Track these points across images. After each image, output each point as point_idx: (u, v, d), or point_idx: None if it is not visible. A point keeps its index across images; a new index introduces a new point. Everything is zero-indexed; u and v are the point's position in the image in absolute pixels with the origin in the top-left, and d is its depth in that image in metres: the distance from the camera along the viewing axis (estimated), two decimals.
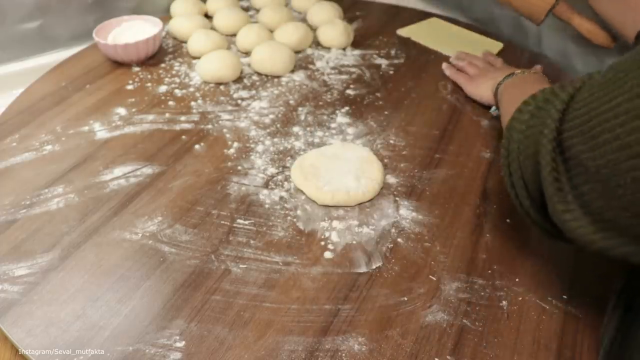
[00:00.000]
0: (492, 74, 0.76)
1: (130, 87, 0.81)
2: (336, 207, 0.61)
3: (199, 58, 0.86)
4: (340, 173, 0.63)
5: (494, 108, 0.76)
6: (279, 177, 0.65)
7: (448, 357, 0.46)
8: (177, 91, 0.80)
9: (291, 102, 0.79)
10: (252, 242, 0.56)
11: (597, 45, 0.85)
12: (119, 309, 0.49)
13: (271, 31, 0.94)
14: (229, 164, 0.67)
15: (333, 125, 0.74)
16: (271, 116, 0.76)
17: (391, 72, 0.87)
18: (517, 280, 0.53)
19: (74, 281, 0.51)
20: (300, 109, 0.77)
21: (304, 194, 0.62)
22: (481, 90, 0.77)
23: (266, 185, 0.64)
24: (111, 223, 0.58)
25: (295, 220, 0.59)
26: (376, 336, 0.47)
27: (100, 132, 0.71)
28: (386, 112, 0.77)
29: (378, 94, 0.81)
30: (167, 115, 0.75)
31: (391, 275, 0.53)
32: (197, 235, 0.57)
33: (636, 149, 0.31)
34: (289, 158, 0.68)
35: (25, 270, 0.52)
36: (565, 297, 0.51)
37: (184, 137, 0.71)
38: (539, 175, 0.41)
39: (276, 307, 0.50)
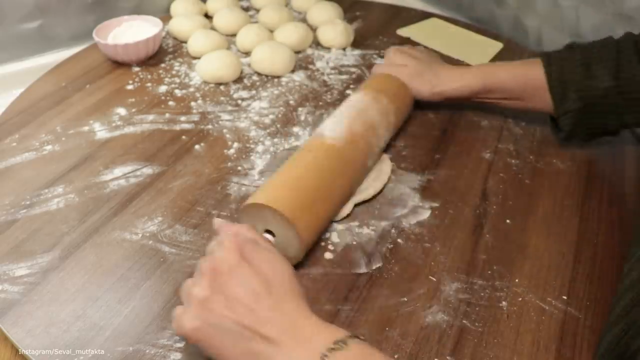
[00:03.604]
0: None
1: (130, 87, 0.81)
2: None
3: (199, 58, 0.86)
4: None
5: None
6: None
7: (448, 357, 0.46)
8: (177, 91, 0.80)
9: (291, 102, 0.79)
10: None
11: None
12: (120, 309, 0.49)
13: (271, 31, 0.94)
14: (229, 164, 0.67)
15: None
16: (271, 116, 0.76)
17: None
18: (517, 280, 0.53)
19: (74, 281, 0.51)
20: (300, 109, 0.77)
21: None
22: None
23: None
24: (111, 223, 0.58)
25: None
26: (376, 337, 0.47)
27: (100, 132, 0.71)
28: None
29: None
30: (167, 115, 0.75)
31: (391, 276, 0.53)
32: (197, 236, 0.57)
33: None
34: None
35: (25, 270, 0.52)
36: (565, 297, 0.51)
37: (184, 137, 0.71)
38: None
39: None
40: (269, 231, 0.51)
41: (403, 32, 0.99)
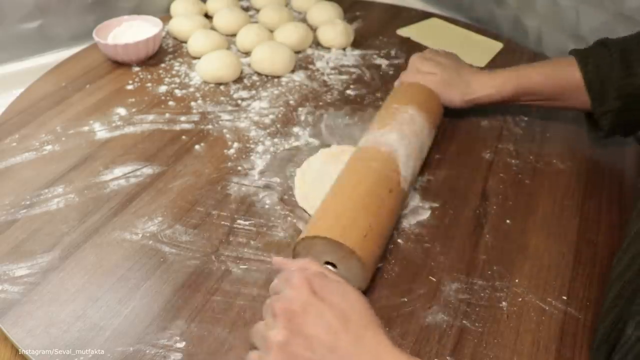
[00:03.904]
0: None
1: (130, 87, 0.81)
2: None
3: (199, 58, 0.86)
4: None
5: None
6: (279, 178, 0.65)
7: (448, 357, 0.46)
8: (177, 91, 0.80)
9: (291, 102, 0.79)
10: (252, 242, 0.56)
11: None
12: (120, 310, 0.49)
13: (271, 31, 0.94)
14: (229, 164, 0.67)
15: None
16: (271, 116, 0.76)
17: (391, 72, 0.87)
18: (517, 280, 0.53)
19: (74, 281, 0.51)
20: (300, 109, 0.77)
21: None
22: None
23: (266, 185, 0.64)
24: (111, 223, 0.58)
25: (295, 221, 0.59)
26: None
27: (100, 132, 0.71)
28: None
29: (378, 94, 0.81)
30: (167, 115, 0.75)
31: (391, 276, 0.53)
32: (197, 236, 0.57)
33: None
34: (291, 164, 0.68)
35: (25, 270, 0.52)
36: (565, 297, 0.51)
37: (184, 137, 0.71)
38: None
39: None
40: (328, 262, 0.49)
41: (403, 32, 0.99)
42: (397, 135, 0.59)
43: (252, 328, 0.42)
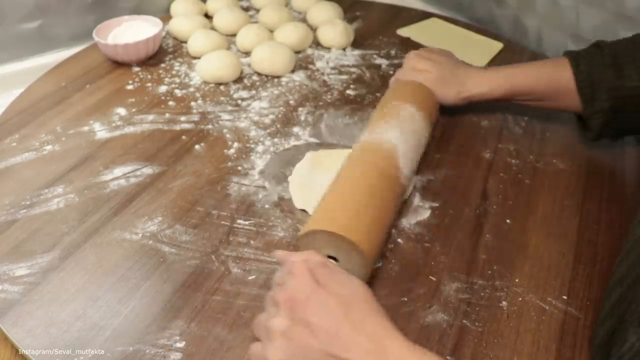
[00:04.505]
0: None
1: (130, 87, 0.81)
2: None
3: (199, 58, 0.86)
4: None
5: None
6: (279, 178, 0.65)
7: (448, 357, 0.46)
8: (177, 91, 0.80)
9: (291, 102, 0.79)
10: (252, 242, 0.56)
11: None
12: (119, 309, 0.49)
13: (271, 31, 0.94)
14: (229, 164, 0.67)
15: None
16: (271, 116, 0.76)
17: (391, 72, 0.87)
18: (517, 280, 0.53)
19: (74, 281, 0.51)
20: (300, 109, 0.77)
21: None
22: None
23: (266, 185, 0.63)
24: (111, 223, 0.58)
25: (295, 221, 0.59)
26: None
27: (100, 132, 0.71)
28: None
29: (378, 94, 0.81)
30: (167, 115, 0.75)
31: (391, 276, 0.53)
32: (197, 236, 0.57)
33: None
34: (291, 164, 0.68)
35: (25, 270, 0.52)
36: (565, 297, 0.51)
37: (184, 137, 0.71)
38: None
39: None
40: (330, 257, 0.49)
41: (403, 32, 0.99)
42: (396, 131, 0.59)
43: (254, 320, 0.43)
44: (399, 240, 0.57)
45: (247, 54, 0.90)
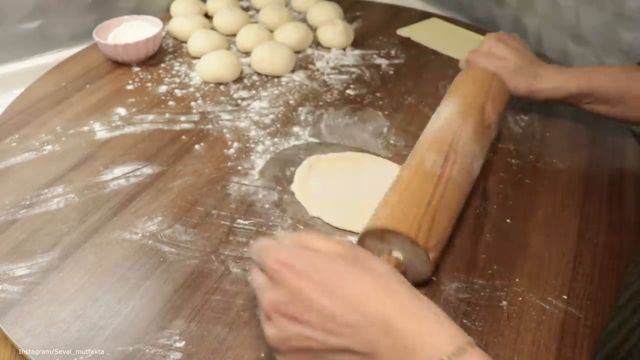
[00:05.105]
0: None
1: (130, 87, 0.81)
2: None
3: (199, 58, 0.86)
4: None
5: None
6: (279, 178, 0.65)
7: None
8: (177, 91, 0.80)
9: (291, 102, 0.79)
10: (252, 242, 0.56)
11: (598, 46, 0.85)
12: (119, 309, 0.49)
13: (271, 31, 0.94)
14: (229, 164, 0.67)
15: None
16: (271, 116, 0.76)
17: (391, 72, 0.87)
18: (517, 280, 0.53)
19: (74, 281, 0.51)
20: (300, 109, 0.77)
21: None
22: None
23: (266, 185, 0.63)
24: (111, 223, 0.58)
25: (295, 221, 0.59)
26: None
27: (100, 132, 0.71)
28: (386, 112, 0.77)
29: (378, 94, 0.81)
30: (167, 115, 0.75)
31: None
32: (197, 235, 0.57)
33: None
34: (291, 163, 0.67)
35: (25, 270, 0.52)
36: (565, 297, 0.51)
37: (184, 137, 0.71)
38: None
39: None
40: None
41: (403, 32, 0.99)
42: (469, 137, 0.59)
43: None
44: None
45: (247, 54, 0.90)
